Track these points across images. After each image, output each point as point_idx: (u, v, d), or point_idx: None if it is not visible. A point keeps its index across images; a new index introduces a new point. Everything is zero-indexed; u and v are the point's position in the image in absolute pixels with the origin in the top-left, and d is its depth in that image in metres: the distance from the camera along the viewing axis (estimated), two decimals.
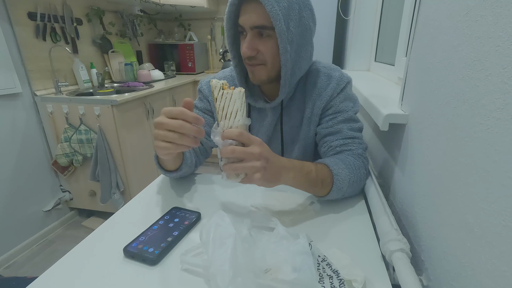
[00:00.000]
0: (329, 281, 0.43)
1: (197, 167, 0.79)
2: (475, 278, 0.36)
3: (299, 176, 0.57)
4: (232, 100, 0.49)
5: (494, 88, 0.34)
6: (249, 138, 0.50)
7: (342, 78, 0.73)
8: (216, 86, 0.50)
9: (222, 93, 0.50)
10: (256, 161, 0.49)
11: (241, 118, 0.50)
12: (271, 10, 0.57)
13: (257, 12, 0.59)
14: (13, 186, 1.65)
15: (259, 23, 0.61)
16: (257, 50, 0.64)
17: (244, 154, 0.49)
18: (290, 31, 0.60)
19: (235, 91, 0.50)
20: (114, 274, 0.47)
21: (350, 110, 0.72)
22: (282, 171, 0.54)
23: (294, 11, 0.60)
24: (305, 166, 0.59)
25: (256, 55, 0.64)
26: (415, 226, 0.56)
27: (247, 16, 0.61)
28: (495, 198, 0.32)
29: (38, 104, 1.74)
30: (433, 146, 0.49)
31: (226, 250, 0.40)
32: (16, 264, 1.64)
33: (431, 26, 0.53)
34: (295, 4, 0.60)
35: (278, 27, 0.58)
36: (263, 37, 0.63)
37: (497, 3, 0.34)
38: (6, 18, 1.56)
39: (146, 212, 0.63)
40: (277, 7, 0.57)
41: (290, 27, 0.60)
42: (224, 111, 0.50)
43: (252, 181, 0.51)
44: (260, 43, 0.63)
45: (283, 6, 0.58)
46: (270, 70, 0.67)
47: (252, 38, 0.63)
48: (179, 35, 3.12)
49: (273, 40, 0.62)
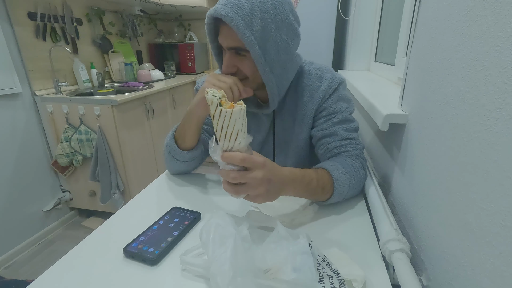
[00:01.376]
0: (329, 281, 0.43)
1: (200, 163, 0.80)
2: (475, 278, 0.36)
3: (299, 187, 0.57)
4: (232, 120, 0.44)
5: (493, 88, 0.34)
6: (253, 162, 0.47)
7: (333, 79, 0.72)
8: (213, 101, 0.44)
9: (220, 110, 0.44)
10: (259, 185, 0.48)
11: (243, 139, 0.46)
12: (243, 37, 0.56)
13: (231, 35, 0.58)
14: (13, 186, 1.65)
15: (233, 45, 0.61)
16: (236, 67, 0.64)
17: (247, 180, 0.48)
18: (268, 52, 0.59)
19: (235, 110, 0.44)
20: (114, 274, 0.47)
21: (345, 110, 0.71)
22: (283, 187, 0.54)
23: (270, 32, 0.58)
24: (306, 176, 0.58)
25: (236, 71, 0.65)
26: (415, 226, 0.56)
27: (223, 38, 0.62)
28: (495, 198, 0.32)
29: (38, 104, 1.74)
30: (433, 146, 0.49)
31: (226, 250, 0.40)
32: (16, 264, 1.64)
33: (431, 26, 0.53)
34: (270, 24, 0.58)
35: (253, 53, 0.58)
36: (240, 55, 0.63)
37: (497, 3, 0.34)
38: (6, 18, 1.56)
39: (146, 212, 0.64)
40: (248, 33, 0.55)
41: (267, 48, 0.59)
42: (223, 130, 0.45)
43: (254, 201, 0.51)
44: (238, 61, 0.64)
45: (257, 30, 0.56)
46: (253, 83, 0.67)
47: (229, 57, 0.63)
48: (179, 35, 3.12)
49: (250, 58, 0.61)
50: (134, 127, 1.90)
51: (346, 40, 1.83)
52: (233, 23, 0.55)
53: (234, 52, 0.63)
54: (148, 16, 2.87)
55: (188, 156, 0.71)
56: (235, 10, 0.55)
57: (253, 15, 0.55)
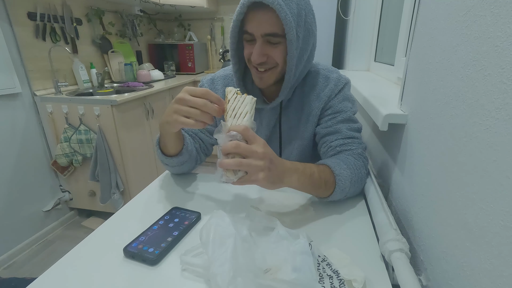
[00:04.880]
0: (329, 281, 0.43)
1: (197, 164, 0.79)
2: (474, 278, 0.36)
3: (302, 178, 0.57)
4: (243, 104, 0.53)
5: (493, 88, 0.34)
6: (254, 136, 0.50)
7: (340, 79, 0.74)
8: (231, 90, 0.55)
9: (236, 96, 0.54)
10: (260, 160, 0.48)
11: (249, 120, 0.52)
12: (285, 18, 0.56)
13: (268, 19, 0.59)
14: (13, 186, 1.64)
15: (271, 31, 0.60)
16: (267, 56, 0.64)
17: (248, 151, 0.48)
18: (299, 37, 0.61)
19: (248, 96, 0.54)
20: (114, 274, 0.47)
21: (349, 110, 0.73)
22: (285, 173, 0.54)
23: (301, 17, 0.60)
24: (308, 168, 0.59)
25: (266, 60, 0.65)
26: (414, 226, 0.56)
27: (257, 24, 0.61)
28: (494, 198, 0.33)
29: (37, 104, 1.74)
30: (432, 146, 0.49)
31: (226, 250, 0.40)
32: (16, 264, 1.64)
33: (431, 26, 0.53)
34: (302, 10, 0.60)
35: (290, 35, 0.59)
36: (272, 43, 0.63)
37: (496, 3, 0.34)
38: (6, 18, 1.56)
39: (146, 212, 0.64)
40: (289, 14, 0.57)
41: (298, 33, 0.60)
42: (234, 111, 0.52)
43: (255, 181, 0.49)
44: (270, 50, 0.63)
45: (294, 13, 0.58)
46: (279, 73, 0.67)
47: (262, 45, 0.63)
48: (179, 35, 3.12)
49: (282, 46, 0.63)
50: (134, 127, 1.90)
51: (346, 40, 1.83)
52: (276, 2, 0.55)
53: (266, 41, 0.62)
54: (148, 16, 2.87)
55: (176, 161, 0.70)
56: None
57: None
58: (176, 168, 0.74)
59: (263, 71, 0.66)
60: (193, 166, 0.78)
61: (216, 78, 0.81)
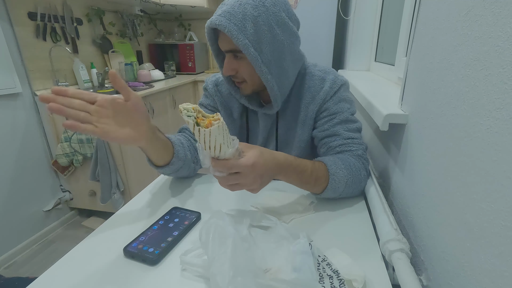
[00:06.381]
0: (329, 281, 0.43)
1: (198, 166, 0.78)
2: (475, 278, 0.36)
3: (291, 173, 0.59)
4: (212, 137, 0.44)
5: (493, 88, 0.34)
6: (242, 168, 0.49)
7: (335, 81, 0.73)
8: (189, 122, 0.44)
9: (199, 130, 0.44)
10: (251, 185, 0.52)
11: (227, 149, 0.47)
12: (237, 41, 0.59)
13: (228, 39, 0.62)
14: (13, 186, 1.65)
15: (230, 48, 0.64)
16: (235, 70, 0.67)
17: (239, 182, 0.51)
18: (264, 53, 0.62)
19: (212, 129, 0.43)
20: (114, 274, 0.47)
21: (346, 111, 0.72)
22: (275, 174, 0.57)
23: (264, 33, 0.60)
24: (301, 164, 0.59)
25: (236, 74, 0.68)
26: (415, 226, 0.56)
27: (221, 42, 0.65)
28: (495, 198, 0.32)
29: (38, 104, 1.74)
30: (433, 146, 0.49)
31: (226, 250, 0.40)
32: (16, 264, 1.64)
33: (431, 26, 0.53)
34: (263, 26, 0.60)
35: (249, 55, 0.60)
36: (238, 58, 0.66)
37: (497, 3, 0.34)
38: (6, 18, 1.56)
39: (146, 212, 0.64)
40: (242, 36, 0.59)
41: (263, 49, 0.61)
42: (206, 145, 0.45)
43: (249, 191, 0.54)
44: (237, 64, 0.67)
45: (250, 33, 0.59)
46: (252, 86, 0.70)
47: (228, 60, 0.66)
48: (179, 35, 3.12)
49: (247, 61, 0.64)
50: None
51: (346, 40, 1.83)
52: (227, 30, 0.58)
53: (232, 55, 0.66)
54: (148, 16, 2.87)
55: (168, 170, 0.67)
56: (228, 18, 0.58)
57: (246, 20, 0.59)
58: (173, 175, 0.74)
59: (239, 82, 0.71)
60: (193, 169, 0.75)
61: (220, 83, 0.82)
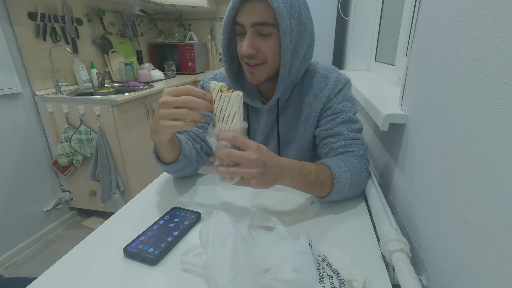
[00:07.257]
0: (329, 281, 0.43)
1: (200, 166, 0.78)
2: (475, 278, 0.36)
3: (297, 178, 0.57)
4: (230, 103, 0.49)
5: (493, 88, 0.34)
6: (244, 143, 0.49)
7: (339, 79, 0.72)
8: (214, 88, 0.50)
9: (220, 95, 0.49)
10: (253, 167, 0.49)
11: (238, 121, 0.50)
12: (278, 6, 0.56)
13: (259, 9, 0.58)
14: (13, 186, 1.65)
15: (261, 19, 0.59)
16: (258, 48, 0.62)
17: (241, 159, 0.48)
18: (292, 29, 0.59)
19: (233, 94, 0.49)
20: (114, 274, 0.47)
21: (349, 111, 0.71)
22: (280, 174, 0.54)
23: (295, 9, 0.59)
24: (305, 167, 0.58)
25: (256, 54, 0.62)
26: (415, 226, 0.56)
27: (247, 14, 0.60)
28: (495, 198, 0.32)
29: (38, 104, 1.74)
30: (433, 146, 0.49)
31: (226, 250, 0.40)
32: (16, 264, 1.64)
33: (431, 26, 0.53)
34: (295, 2, 0.59)
35: (283, 24, 0.57)
36: (263, 35, 0.61)
37: (497, 3, 0.34)
38: (6, 18, 1.56)
39: (146, 212, 0.64)
40: (282, 3, 0.56)
41: (292, 25, 0.59)
42: (221, 113, 0.49)
43: (248, 185, 0.51)
44: (261, 42, 0.62)
45: (287, 3, 0.57)
46: (270, 69, 0.65)
47: (252, 36, 0.61)
48: (179, 35, 3.12)
49: (273, 38, 0.61)
50: (134, 127, 1.90)
51: (346, 40, 1.83)
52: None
53: (257, 31, 0.61)
54: (148, 16, 2.87)
55: (175, 168, 0.68)
56: None
57: None
58: (177, 173, 0.73)
59: (253, 66, 0.64)
60: (195, 168, 0.76)
61: (218, 78, 0.81)
